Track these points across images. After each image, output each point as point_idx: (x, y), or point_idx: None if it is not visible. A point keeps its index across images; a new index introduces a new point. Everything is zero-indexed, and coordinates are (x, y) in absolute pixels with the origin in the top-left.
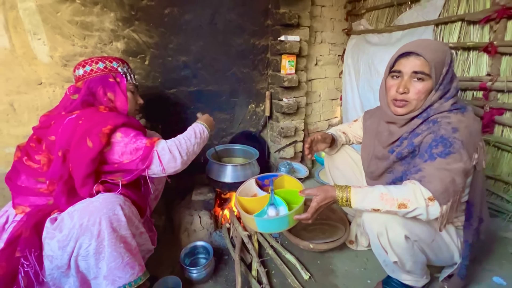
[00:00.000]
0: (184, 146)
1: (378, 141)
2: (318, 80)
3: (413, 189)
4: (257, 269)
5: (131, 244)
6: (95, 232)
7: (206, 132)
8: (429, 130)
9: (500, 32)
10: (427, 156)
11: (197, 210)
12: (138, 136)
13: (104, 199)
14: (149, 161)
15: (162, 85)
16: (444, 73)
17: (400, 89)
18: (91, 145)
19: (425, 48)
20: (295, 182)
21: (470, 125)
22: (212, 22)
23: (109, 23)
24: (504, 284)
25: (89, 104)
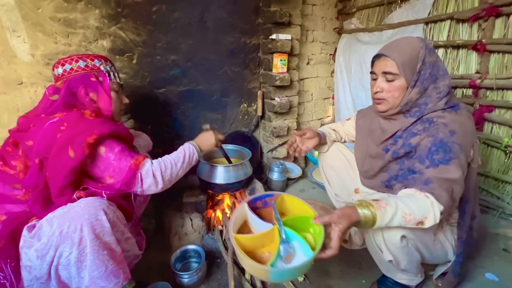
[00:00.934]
0: (168, 171)
1: (371, 140)
2: (310, 79)
3: (431, 205)
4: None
5: (115, 250)
6: (76, 240)
7: (195, 156)
8: (427, 132)
9: (488, 30)
10: (429, 162)
11: (189, 213)
12: (123, 152)
13: (86, 204)
14: (131, 184)
15: (151, 85)
16: (418, 69)
17: (373, 88)
18: (73, 155)
19: (392, 49)
20: (299, 204)
21: (465, 123)
22: (201, 20)
23: (94, 20)
24: (497, 280)
25: (71, 105)
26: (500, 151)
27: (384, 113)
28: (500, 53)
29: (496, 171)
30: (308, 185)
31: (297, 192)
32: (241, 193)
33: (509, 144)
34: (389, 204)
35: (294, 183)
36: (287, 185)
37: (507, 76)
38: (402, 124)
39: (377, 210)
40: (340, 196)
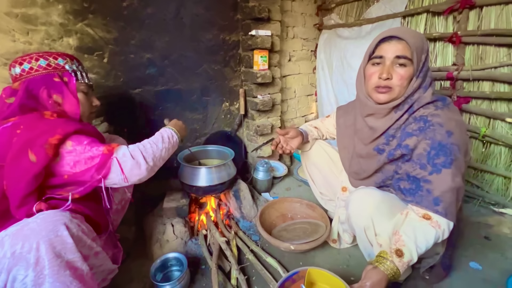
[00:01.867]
0: (149, 150)
1: (359, 139)
2: (292, 76)
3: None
4: (237, 277)
5: (81, 269)
6: (32, 261)
7: (176, 137)
8: (423, 133)
9: (463, 22)
10: (431, 168)
11: (170, 218)
12: (93, 143)
13: (44, 219)
14: (106, 170)
15: (126, 85)
16: (423, 60)
17: (384, 74)
18: (35, 159)
19: (407, 32)
20: (326, 276)
21: (458, 119)
22: (177, 16)
23: (58, 16)
24: (480, 268)
25: (31, 109)
26: (478, 141)
27: (382, 105)
28: (475, 45)
29: (475, 161)
30: (294, 183)
31: (283, 190)
32: (226, 194)
33: (486, 134)
34: (412, 257)
35: (280, 182)
36: (272, 183)
37: (482, 67)
38: (392, 119)
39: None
40: (325, 194)
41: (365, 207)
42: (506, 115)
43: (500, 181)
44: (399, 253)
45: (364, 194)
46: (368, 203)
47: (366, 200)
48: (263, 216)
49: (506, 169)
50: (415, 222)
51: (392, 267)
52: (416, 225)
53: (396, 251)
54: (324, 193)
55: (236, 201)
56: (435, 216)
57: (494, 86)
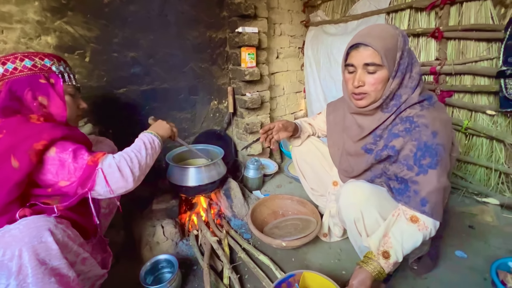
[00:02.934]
0: (135, 160)
1: (348, 136)
2: (280, 73)
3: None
4: (229, 276)
5: (67, 276)
6: (14, 269)
7: (157, 141)
8: (409, 134)
9: (444, 18)
10: (417, 169)
11: (160, 220)
12: (78, 150)
13: (27, 225)
14: (91, 183)
15: (109, 85)
16: (398, 58)
17: (355, 83)
18: (17, 165)
19: (373, 37)
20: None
21: (444, 119)
22: (162, 14)
23: (34, 14)
24: (466, 257)
25: (14, 111)
26: (461, 134)
27: (363, 108)
28: (456, 40)
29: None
30: (285, 180)
31: (274, 187)
32: (216, 193)
33: (468, 126)
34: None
35: (270, 179)
36: (263, 181)
37: (463, 61)
38: (380, 120)
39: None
40: (316, 190)
41: (355, 199)
42: (487, 107)
43: (482, 171)
44: (386, 255)
45: (354, 187)
46: (358, 196)
47: (356, 193)
48: (255, 214)
49: (488, 160)
50: (404, 225)
51: (377, 267)
52: (404, 228)
53: (383, 252)
54: (315, 189)
55: (227, 200)
56: (422, 217)
57: (475, 80)
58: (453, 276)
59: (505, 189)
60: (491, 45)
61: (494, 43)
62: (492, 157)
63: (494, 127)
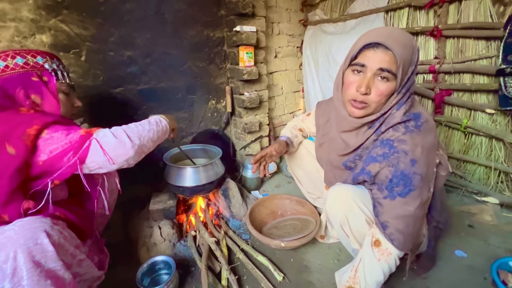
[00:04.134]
0: (134, 130)
1: (332, 148)
2: (279, 72)
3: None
4: (227, 277)
5: (63, 278)
6: (8, 271)
7: (164, 122)
8: (387, 160)
9: (443, 16)
10: (387, 193)
11: (157, 221)
12: (71, 129)
13: (22, 226)
14: (84, 151)
15: (106, 84)
16: (409, 73)
17: (362, 88)
18: (14, 152)
19: (396, 41)
20: None
21: (426, 144)
22: (158, 12)
23: (28, 12)
24: (465, 256)
25: (5, 108)
26: (460, 132)
27: (357, 119)
28: (455, 38)
29: (457, 152)
30: (284, 179)
31: (272, 187)
32: (214, 194)
33: (468, 125)
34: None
35: (269, 179)
36: (262, 181)
37: (462, 60)
38: (364, 137)
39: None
40: (312, 193)
41: (340, 203)
42: (486, 106)
43: (481, 170)
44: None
45: (338, 191)
46: (342, 200)
47: (340, 197)
48: (253, 214)
49: (487, 159)
50: (366, 256)
51: None
52: (366, 261)
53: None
54: (311, 192)
55: (225, 200)
56: (384, 243)
57: (474, 78)
58: (453, 276)
59: (504, 188)
60: (490, 43)
61: (493, 41)
62: (492, 156)
63: (494, 125)
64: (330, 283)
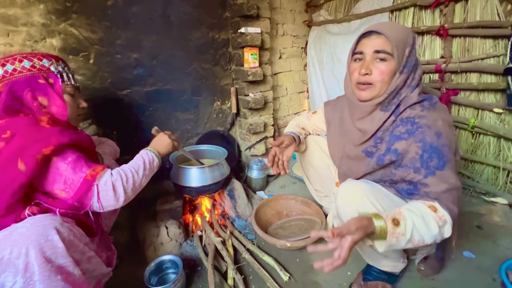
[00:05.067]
0: (130, 181)
1: (348, 140)
2: (283, 73)
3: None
4: (233, 277)
5: (73, 273)
6: (20, 267)
7: (157, 162)
8: (412, 136)
9: (449, 15)
10: (425, 171)
11: (164, 221)
12: (78, 161)
13: (33, 223)
14: (88, 201)
15: (113, 86)
16: (407, 54)
17: (362, 70)
18: (24, 169)
19: (387, 27)
20: None
21: (445, 119)
22: (164, 15)
23: (39, 17)
24: (474, 257)
25: (15, 111)
26: (467, 132)
27: (365, 102)
28: (462, 37)
29: (465, 152)
30: (289, 180)
31: (277, 188)
32: (220, 194)
33: (475, 124)
34: (405, 232)
35: (274, 180)
36: (267, 182)
37: (469, 59)
38: (381, 120)
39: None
40: (320, 191)
41: (352, 199)
42: (494, 105)
43: (490, 170)
44: (395, 222)
45: (351, 186)
46: (354, 195)
47: (353, 192)
48: (259, 214)
49: (495, 159)
50: (421, 206)
51: (383, 225)
52: (421, 208)
53: (393, 219)
54: (319, 190)
55: (231, 200)
56: (440, 209)
57: (481, 78)
58: (461, 277)
59: None
60: (498, 42)
61: (501, 40)
62: (500, 155)
63: (502, 125)
64: (336, 284)
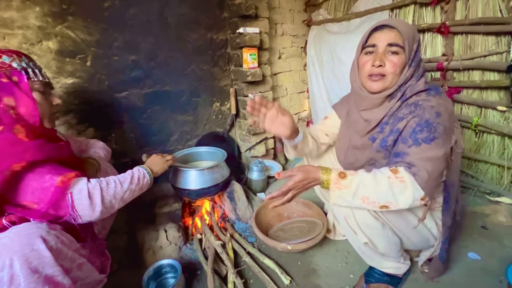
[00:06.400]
0: (111, 191)
1: (354, 131)
2: (283, 73)
3: (410, 189)
4: (234, 281)
5: (62, 283)
6: (5, 279)
7: (147, 178)
8: (413, 114)
9: (450, 12)
10: (411, 142)
11: (163, 224)
12: (48, 172)
13: (17, 233)
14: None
15: (110, 89)
16: (415, 49)
17: (377, 61)
18: None
19: (398, 22)
20: None
21: (448, 107)
22: (161, 16)
23: (35, 19)
24: (479, 258)
25: None
26: (471, 131)
27: (375, 94)
28: (463, 34)
29: (468, 151)
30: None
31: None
32: (220, 196)
33: (478, 123)
34: (350, 185)
35: (275, 181)
36: (268, 183)
37: (471, 56)
38: (386, 109)
39: (332, 180)
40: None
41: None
42: (497, 103)
43: (494, 170)
44: (342, 175)
45: None
46: None
47: None
48: (259, 216)
49: (500, 158)
50: (381, 169)
51: (328, 176)
52: (380, 170)
53: (340, 173)
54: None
55: (231, 202)
56: (402, 172)
57: (484, 75)
58: (466, 279)
59: None
60: (500, 38)
61: (504, 37)
62: (504, 154)
63: (506, 123)
64: (338, 287)
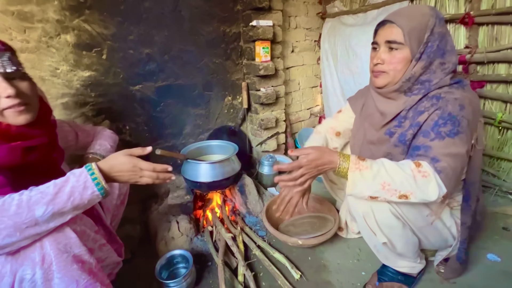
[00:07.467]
0: (5, 213)
1: (369, 124)
2: (296, 67)
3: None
4: (244, 273)
5: (89, 262)
6: (37, 259)
7: (88, 196)
8: (435, 106)
9: (476, 2)
10: (434, 135)
11: (175, 216)
12: None
13: None
14: None
15: (125, 82)
16: (425, 39)
17: (374, 60)
18: None
19: (399, 15)
20: None
21: (473, 100)
22: (175, 10)
23: (54, 13)
24: (499, 261)
25: None
26: (494, 127)
27: (381, 89)
28: (489, 25)
29: (490, 148)
30: None
31: None
32: (231, 190)
33: (503, 119)
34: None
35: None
36: None
37: (497, 48)
38: (406, 103)
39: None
40: (335, 183)
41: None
42: None
43: None
44: (361, 158)
45: None
46: None
47: None
48: (270, 211)
49: None
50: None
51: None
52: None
53: (359, 156)
54: (333, 181)
55: (242, 196)
56: (425, 166)
57: (511, 68)
58: (485, 281)
59: None
60: None
61: None
62: None
63: None
64: (350, 284)
